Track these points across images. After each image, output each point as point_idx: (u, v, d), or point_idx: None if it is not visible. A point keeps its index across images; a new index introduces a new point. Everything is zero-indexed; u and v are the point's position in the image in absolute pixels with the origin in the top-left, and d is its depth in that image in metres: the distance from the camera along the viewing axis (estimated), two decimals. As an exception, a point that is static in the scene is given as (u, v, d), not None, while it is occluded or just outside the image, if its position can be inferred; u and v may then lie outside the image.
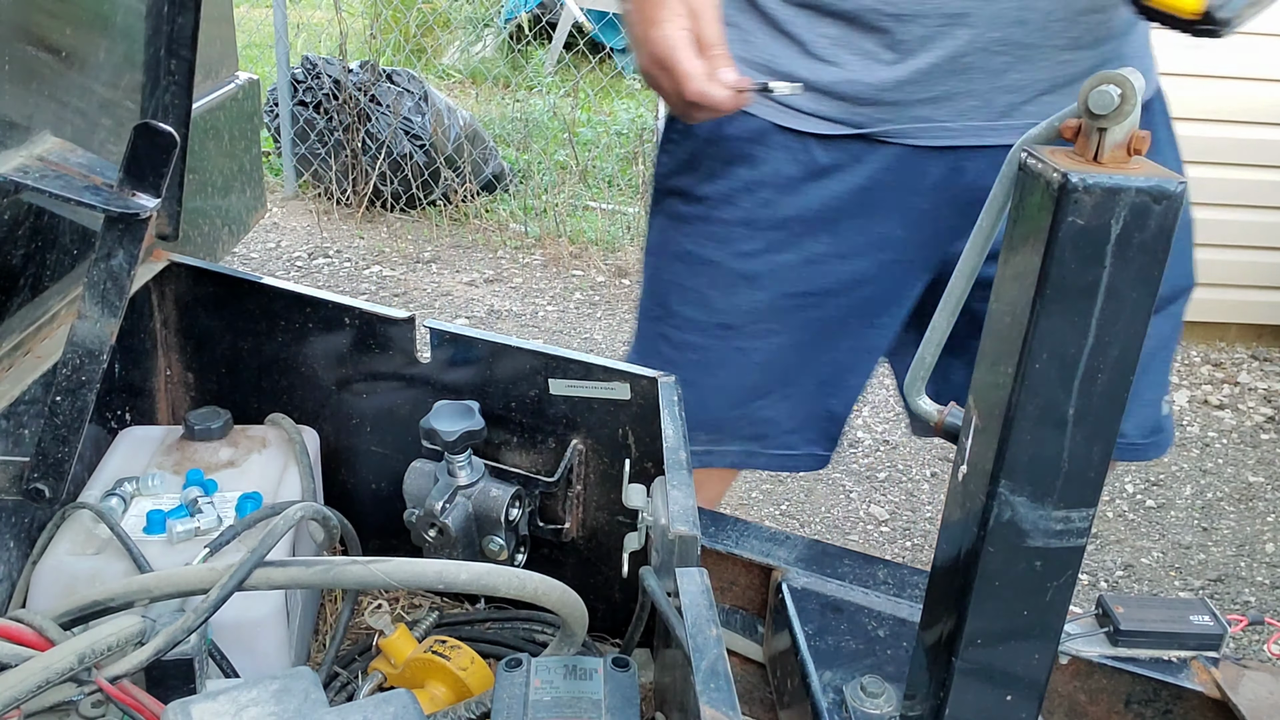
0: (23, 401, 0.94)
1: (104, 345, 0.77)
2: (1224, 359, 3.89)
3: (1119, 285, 0.55)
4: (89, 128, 1.03)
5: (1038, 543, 0.62)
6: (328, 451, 1.12)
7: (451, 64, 6.98)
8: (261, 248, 4.37)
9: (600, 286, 3.97)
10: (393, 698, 0.64)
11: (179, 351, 1.17)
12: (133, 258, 0.76)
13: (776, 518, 2.68)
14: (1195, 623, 0.82)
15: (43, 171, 0.79)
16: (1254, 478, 3.09)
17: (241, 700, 0.62)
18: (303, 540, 0.98)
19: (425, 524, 0.97)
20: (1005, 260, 0.60)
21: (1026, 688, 0.67)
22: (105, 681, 0.66)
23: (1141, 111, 0.55)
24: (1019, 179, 0.58)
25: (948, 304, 0.73)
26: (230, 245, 2.50)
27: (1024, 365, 0.57)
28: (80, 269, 1.09)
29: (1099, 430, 0.59)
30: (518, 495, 0.99)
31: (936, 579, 0.70)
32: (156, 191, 0.75)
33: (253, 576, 0.69)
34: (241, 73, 2.49)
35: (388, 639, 0.92)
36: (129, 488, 0.95)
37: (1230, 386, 3.68)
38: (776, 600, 0.93)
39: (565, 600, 0.75)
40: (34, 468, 0.80)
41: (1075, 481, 0.60)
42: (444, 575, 0.70)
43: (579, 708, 0.71)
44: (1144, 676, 0.83)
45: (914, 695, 0.73)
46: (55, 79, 0.94)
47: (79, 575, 0.86)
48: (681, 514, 0.76)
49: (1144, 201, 0.53)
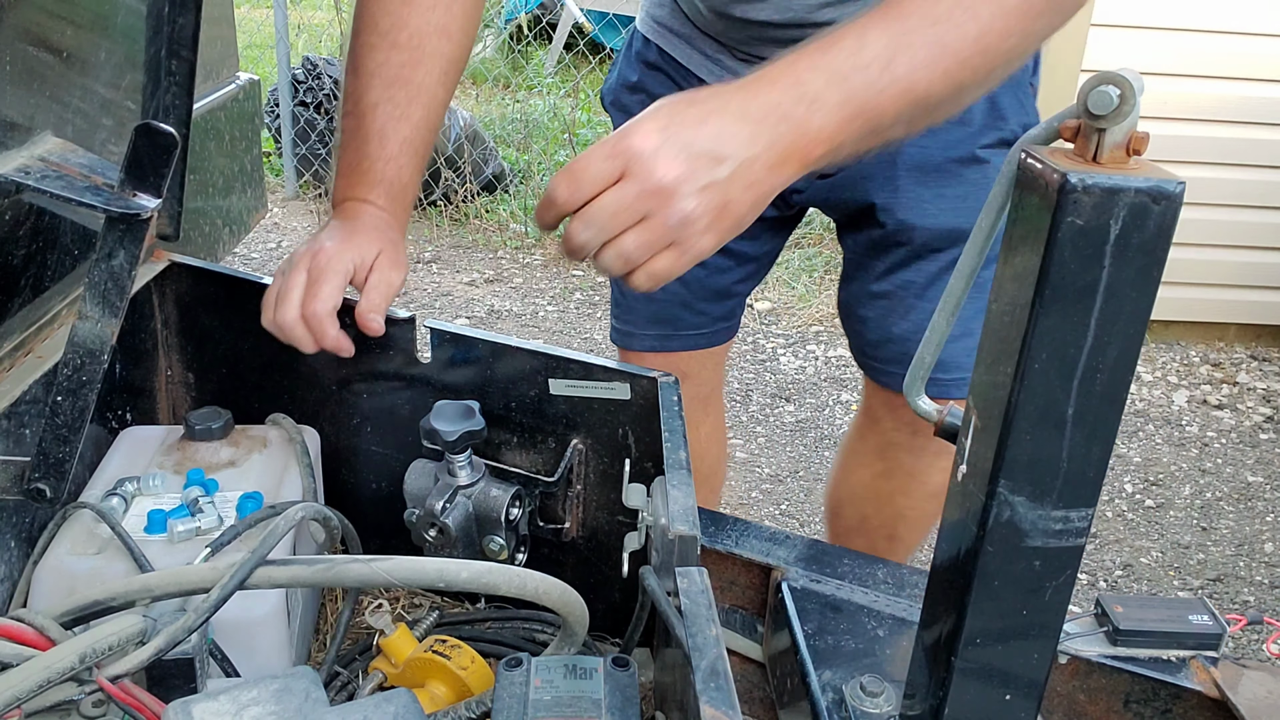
0: (24, 401, 0.94)
1: (105, 345, 0.77)
2: (1223, 359, 3.89)
3: (1118, 285, 0.55)
4: (90, 128, 1.03)
5: (1037, 542, 0.62)
6: (328, 451, 1.12)
7: (451, 64, 6.95)
8: (262, 248, 4.37)
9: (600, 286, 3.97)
10: (393, 697, 0.64)
11: (180, 351, 1.17)
12: (134, 258, 0.76)
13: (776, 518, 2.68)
14: (1194, 622, 0.83)
15: (44, 172, 0.79)
16: (1253, 477, 3.09)
17: (242, 700, 0.62)
18: (303, 540, 0.98)
19: (425, 524, 0.97)
20: (1005, 260, 0.60)
21: (1026, 687, 0.67)
22: (106, 681, 0.66)
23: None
24: (1019, 179, 0.58)
25: (947, 304, 0.73)
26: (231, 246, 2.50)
27: (1023, 365, 0.57)
28: (81, 269, 1.09)
29: (1098, 430, 0.59)
30: (518, 495, 0.99)
31: (936, 578, 0.70)
32: (157, 192, 0.75)
33: (254, 575, 0.69)
34: (242, 73, 2.49)
35: (388, 638, 0.92)
36: (130, 488, 0.95)
37: (1229, 386, 3.68)
38: (776, 600, 0.94)
39: (566, 599, 0.75)
40: (35, 467, 0.80)
41: (1074, 481, 0.60)
42: (445, 574, 0.70)
43: (579, 707, 0.71)
44: (1143, 676, 0.83)
45: (913, 695, 0.73)
46: (56, 79, 0.94)
47: (80, 575, 0.86)
48: (681, 514, 0.76)
49: (1143, 202, 0.53)
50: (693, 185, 0.74)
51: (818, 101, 0.77)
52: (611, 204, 0.75)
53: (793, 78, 0.79)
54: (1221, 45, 3.61)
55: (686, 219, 0.74)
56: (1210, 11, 3.60)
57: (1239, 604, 2.52)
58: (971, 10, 0.80)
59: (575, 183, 0.76)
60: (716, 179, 0.75)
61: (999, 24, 0.81)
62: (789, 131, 0.77)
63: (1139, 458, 3.19)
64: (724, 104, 0.78)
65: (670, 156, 0.74)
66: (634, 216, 0.75)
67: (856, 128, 0.79)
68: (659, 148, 0.74)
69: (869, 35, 0.80)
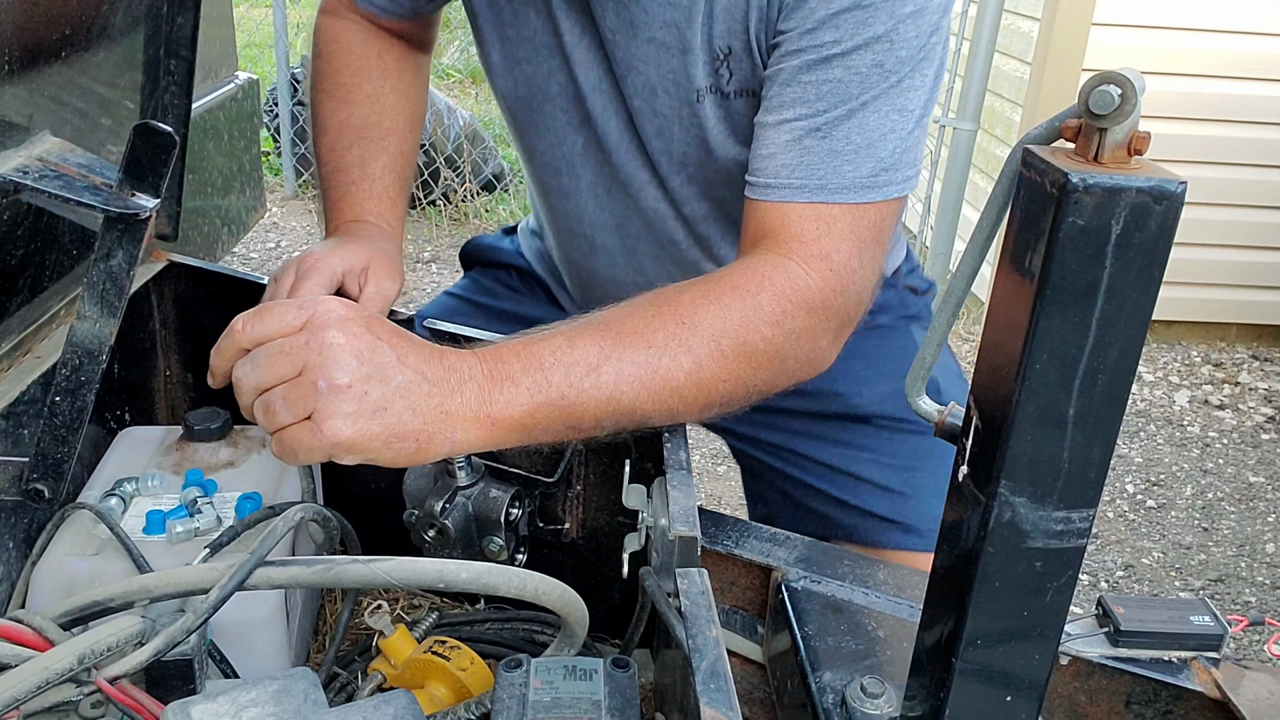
0: (22, 402, 0.94)
1: (103, 345, 0.77)
2: (1224, 359, 3.89)
3: (1119, 285, 0.55)
4: (88, 128, 1.03)
5: (1038, 543, 0.62)
6: (327, 452, 1.12)
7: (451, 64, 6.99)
8: (261, 248, 4.36)
9: (600, 286, 3.96)
10: (392, 698, 0.64)
11: (178, 352, 1.17)
12: (132, 258, 0.76)
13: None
14: (1196, 623, 0.82)
15: (42, 171, 0.79)
16: (1255, 478, 3.09)
17: (241, 701, 0.62)
18: (302, 541, 0.98)
19: (425, 525, 0.97)
20: (1005, 260, 0.60)
21: (1027, 688, 0.67)
22: (105, 682, 0.66)
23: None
24: (1019, 179, 0.58)
25: (948, 305, 0.73)
26: (230, 245, 2.50)
27: (1024, 366, 0.57)
28: (79, 269, 1.09)
29: (1099, 431, 0.59)
30: (517, 496, 0.99)
31: (936, 579, 0.70)
32: (156, 191, 0.75)
33: (254, 576, 0.69)
34: (241, 72, 2.50)
35: (387, 639, 0.92)
36: (128, 488, 0.95)
37: (1231, 386, 3.68)
38: (776, 601, 0.93)
39: (566, 600, 0.75)
40: (33, 468, 0.80)
41: (1075, 482, 0.60)
42: (445, 574, 0.70)
43: (579, 708, 0.71)
44: (1144, 677, 0.83)
45: (914, 696, 0.73)
46: (55, 79, 0.94)
47: (78, 575, 0.86)
48: (681, 515, 0.76)
49: (1144, 202, 0.53)
50: (360, 365, 0.72)
51: (509, 380, 0.79)
52: (276, 347, 0.74)
53: (495, 354, 0.81)
54: (1222, 44, 3.61)
55: (334, 390, 0.71)
56: (1211, 11, 3.60)
57: (1240, 605, 2.52)
58: (687, 346, 0.84)
59: (257, 319, 0.75)
60: (385, 378, 0.73)
61: (713, 366, 0.85)
62: (473, 394, 0.78)
63: (1140, 458, 3.19)
64: (422, 344, 0.78)
65: (354, 333, 0.73)
66: (292, 367, 0.72)
67: (549, 417, 0.80)
68: (349, 320, 0.74)
69: (580, 339, 0.83)
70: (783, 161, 0.95)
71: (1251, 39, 3.60)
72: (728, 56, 1.02)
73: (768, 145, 0.97)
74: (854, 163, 0.93)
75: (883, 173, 0.94)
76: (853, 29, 0.91)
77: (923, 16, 0.92)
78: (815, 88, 0.93)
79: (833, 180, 0.93)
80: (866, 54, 0.92)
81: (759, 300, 0.88)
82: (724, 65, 1.02)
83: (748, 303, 0.88)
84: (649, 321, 0.85)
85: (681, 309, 0.86)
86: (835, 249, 0.93)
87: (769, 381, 0.90)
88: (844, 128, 0.93)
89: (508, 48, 1.15)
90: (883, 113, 0.93)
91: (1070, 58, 3.66)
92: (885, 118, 0.94)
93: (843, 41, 0.92)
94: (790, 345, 0.90)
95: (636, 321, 0.85)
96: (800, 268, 0.92)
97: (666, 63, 1.04)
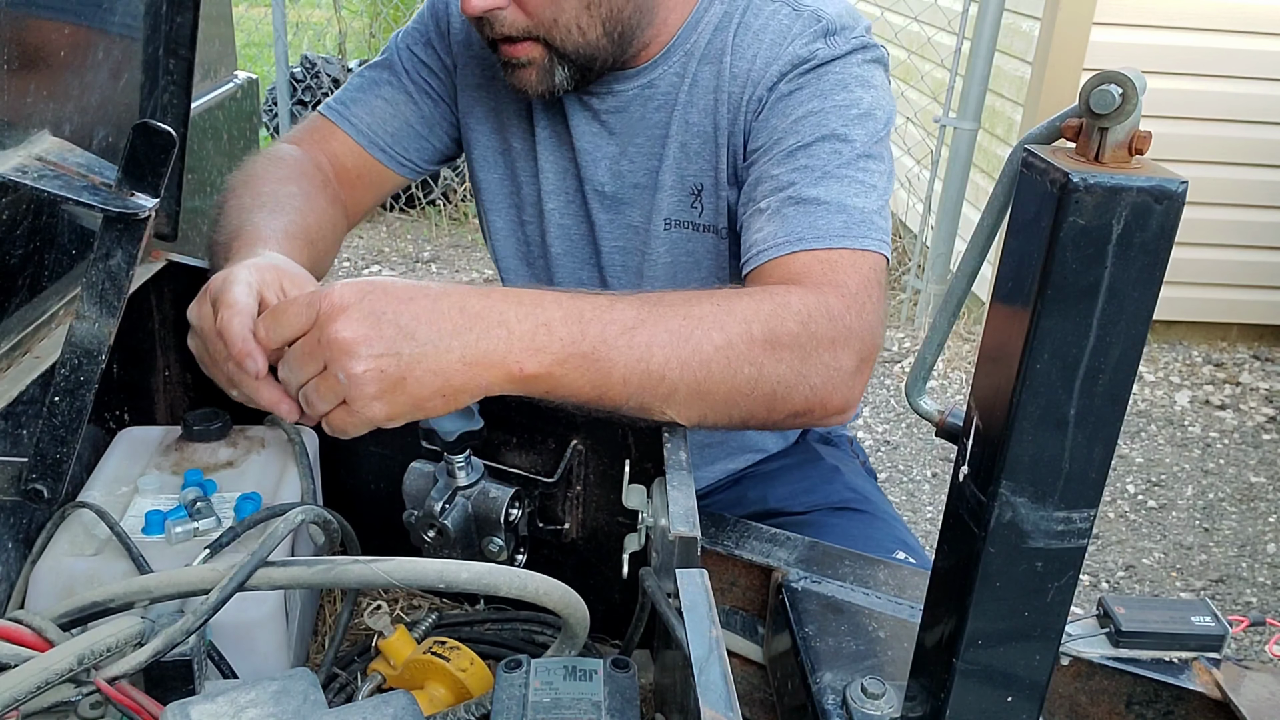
0: (21, 401, 0.93)
1: (102, 345, 0.77)
2: (1225, 359, 3.89)
3: (1120, 285, 0.55)
4: (87, 127, 1.03)
5: (1039, 543, 0.62)
6: (326, 452, 1.12)
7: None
8: (262, 248, 4.35)
9: (600, 286, 3.96)
10: (392, 699, 0.64)
11: (178, 351, 1.17)
12: (131, 258, 0.75)
13: (777, 518, 2.67)
14: (1196, 624, 0.82)
15: (41, 171, 0.79)
16: (1256, 478, 3.09)
17: (240, 701, 0.62)
18: (302, 541, 0.98)
19: (424, 525, 0.97)
20: (1005, 260, 0.59)
21: (1027, 689, 0.67)
22: (104, 682, 0.66)
23: None
24: (1020, 179, 0.58)
25: (948, 305, 0.73)
26: (230, 245, 2.49)
27: (1025, 366, 0.57)
28: (79, 269, 1.09)
29: (1100, 431, 0.59)
30: (517, 496, 0.98)
31: (937, 579, 0.70)
32: (155, 191, 0.74)
33: (254, 577, 0.69)
34: (240, 72, 2.49)
35: (387, 640, 0.92)
36: (128, 488, 0.95)
37: (1232, 387, 3.68)
38: (776, 601, 0.93)
39: (566, 601, 0.75)
40: (32, 468, 0.80)
41: (1076, 482, 0.60)
42: (445, 575, 0.70)
43: (579, 709, 0.71)
44: (1145, 677, 0.83)
45: (914, 696, 0.73)
46: (54, 78, 0.94)
47: (78, 576, 0.86)
48: (682, 515, 0.76)
49: (1145, 201, 0.53)
50: (369, 350, 0.76)
51: (546, 326, 0.82)
52: (298, 349, 0.79)
53: (535, 301, 0.83)
54: (1222, 44, 3.61)
55: (354, 380, 0.76)
56: (1211, 11, 3.60)
57: (1241, 605, 2.52)
58: (720, 324, 0.89)
59: (275, 323, 0.80)
60: (398, 352, 0.77)
61: (742, 346, 0.89)
62: (502, 338, 0.80)
63: (1141, 458, 3.19)
64: (443, 294, 0.81)
65: (356, 318, 0.76)
66: (316, 365, 0.78)
67: (578, 369, 0.83)
68: (350, 307, 0.77)
69: (620, 303, 0.87)
70: (769, 231, 1.05)
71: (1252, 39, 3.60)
72: (699, 193, 1.19)
73: (753, 231, 1.08)
74: (827, 218, 1.04)
75: (855, 226, 1.04)
76: (810, 129, 1.08)
77: (869, 119, 1.09)
78: (786, 175, 1.07)
79: (813, 233, 1.03)
80: (825, 145, 1.07)
81: (788, 299, 0.94)
82: (697, 200, 1.20)
83: (778, 299, 0.94)
84: (687, 299, 0.91)
85: (717, 296, 0.93)
86: (845, 280, 1.00)
87: (790, 382, 0.92)
88: (813, 192, 1.05)
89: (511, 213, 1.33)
90: (845, 181, 1.06)
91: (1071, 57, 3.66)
92: (848, 185, 1.06)
93: (804, 137, 1.08)
94: (813, 347, 0.93)
95: (675, 298, 0.91)
96: (816, 291, 0.98)
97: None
